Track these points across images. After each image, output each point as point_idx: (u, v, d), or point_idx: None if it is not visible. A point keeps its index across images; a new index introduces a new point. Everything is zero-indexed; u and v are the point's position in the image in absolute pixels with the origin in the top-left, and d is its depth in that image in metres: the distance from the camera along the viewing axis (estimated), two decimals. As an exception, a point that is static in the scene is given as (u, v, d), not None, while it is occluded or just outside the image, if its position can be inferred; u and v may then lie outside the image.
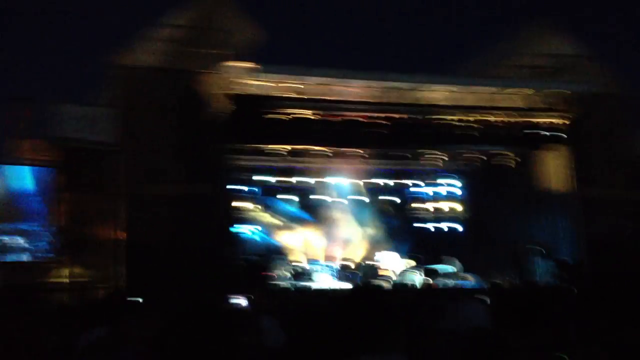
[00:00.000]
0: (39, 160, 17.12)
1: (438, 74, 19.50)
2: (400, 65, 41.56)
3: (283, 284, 19.40)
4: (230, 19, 16.38)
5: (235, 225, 17.84)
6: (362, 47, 48.61)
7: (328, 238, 23.42)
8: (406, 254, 22.61)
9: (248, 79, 16.90)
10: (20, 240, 16.30)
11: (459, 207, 25.14)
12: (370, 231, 23.96)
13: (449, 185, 25.10)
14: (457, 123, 19.00)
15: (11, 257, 16.07)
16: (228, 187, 17.22)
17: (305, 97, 17.71)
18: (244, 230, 21.68)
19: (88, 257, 17.30)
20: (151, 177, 16.28)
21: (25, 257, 16.44)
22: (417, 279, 20.87)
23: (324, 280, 20.61)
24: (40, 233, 16.72)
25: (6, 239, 16.07)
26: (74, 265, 17.04)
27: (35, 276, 17.19)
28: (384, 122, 18.38)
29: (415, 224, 25.04)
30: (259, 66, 16.34)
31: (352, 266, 22.65)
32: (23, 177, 16.47)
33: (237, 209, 18.98)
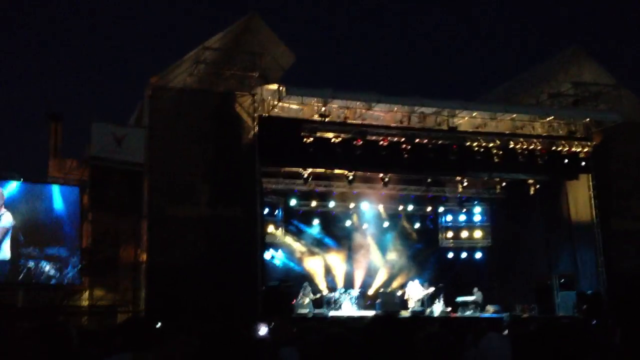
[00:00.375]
0: (68, 178, 17.30)
1: (462, 100, 19.49)
2: (426, 90, 41.83)
3: (305, 311, 19.37)
4: (262, 43, 16.61)
5: (262, 250, 17.74)
6: (388, 72, 49.10)
7: (350, 264, 23.34)
8: (428, 282, 22.48)
9: (278, 101, 17.07)
10: (44, 261, 16.37)
11: (482, 235, 25.05)
12: (393, 258, 23.87)
13: (472, 212, 25.09)
14: (480, 149, 19.00)
15: (35, 278, 16.14)
16: (257, 210, 17.16)
17: (330, 120, 17.87)
18: (270, 255, 21.65)
19: (112, 279, 17.33)
20: (179, 198, 16.32)
21: (48, 278, 16.49)
22: (438, 308, 20.80)
23: (345, 308, 20.54)
24: (66, 253, 16.80)
25: (31, 262, 16.15)
26: (97, 287, 17.07)
27: (59, 298, 17.26)
28: (406, 146, 18.43)
29: (439, 251, 25.02)
30: (287, 88, 16.51)
31: (373, 294, 22.57)
32: (51, 196, 16.62)
33: (264, 233, 18.92)
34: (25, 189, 16.20)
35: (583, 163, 19.94)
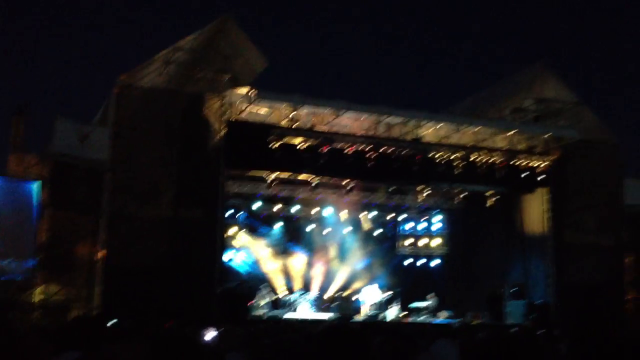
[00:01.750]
0: (27, 174, 16.90)
1: (428, 111, 19.76)
2: (393, 101, 42.22)
3: (260, 312, 19.37)
4: (234, 46, 16.50)
5: (221, 253, 17.67)
6: (357, 80, 49.37)
7: (310, 268, 23.44)
8: (385, 287, 22.74)
9: (248, 105, 16.99)
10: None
11: (439, 243, 25.46)
12: (352, 263, 24.07)
13: (431, 221, 25.44)
14: (443, 160, 19.29)
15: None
16: (218, 213, 17.08)
17: (298, 126, 17.88)
18: (229, 257, 21.56)
19: (67, 275, 16.99)
20: (141, 198, 16.12)
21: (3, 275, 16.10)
22: (392, 313, 21.07)
23: (301, 310, 20.64)
24: (22, 249, 16.42)
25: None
26: (52, 283, 16.72)
27: (10, 292, 16.84)
28: (371, 154, 18.59)
29: (397, 258, 25.29)
30: (257, 92, 16.44)
31: (330, 297, 22.73)
32: (10, 191, 16.21)
33: (225, 235, 18.83)
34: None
35: (540, 177, 20.40)
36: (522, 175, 20.20)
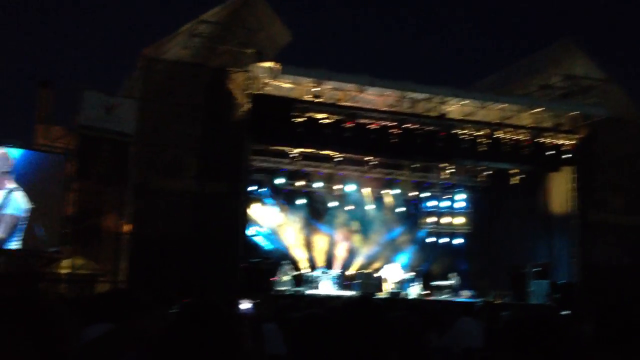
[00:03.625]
0: (54, 146, 17.09)
1: (454, 87, 19.54)
2: (419, 77, 41.87)
3: (283, 288, 19.50)
4: (259, 19, 16.45)
5: (245, 227, 17.78)
6: (382, 55, 49.02)
7: (332, 245, 23.50)
8: (407, 265, 22.74)
9: (272, 80, 16.95)
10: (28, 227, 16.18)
11: (463, 222, 25.30)
12: (374, 240, 24.09)
13: (456, 199, 25.31)
14: (467, 137, 19.13)
15: (17, 244, 15.97)
16: (243, 187, 17.16)
17: (322, 101, 17.84)
18: (254, 232, 21.70)
19: (93, 248, 17.23)
20: (166, 171, 16.25)
21: (31, 245, 16.35)
22: (414, 290, 21.09)
23: (323, 287, 20.71)
24: (51, 220, 16.65)
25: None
26: (78, 256, 16.96)
27: (38, 265, 17.13)
28: (395, 130, 18.48)
29: (420, 236, 25.28)
30: (282, 67, 16.39)
31: (352, 274, 22.79)
32: (38, 163, 16.41)
33: (250, 210, 18.90)
34: (22, 156, 15.99)
35: (567, 155, 20.13)
36: (548, 154, 19.94)
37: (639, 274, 19.96)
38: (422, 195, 25.00)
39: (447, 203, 25.32)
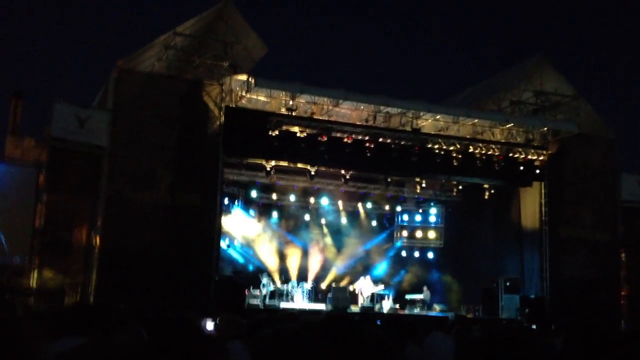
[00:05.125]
0: (25, 158, 16.84)
1: (427, 102, 19.70)
2: (393, 91, 42.07)
3: (256, 302, 19.34)
4: (234, 32, 16.42)
5: (218, 240, 17.65)
6: (357, 70, 49.28)
7: (306, 258, 23.43)
8: (380, 279, 22.78)
9: (247, 92, 16.93)
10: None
11: (435, 236, 25.45)
12: (348, 254, 24.09)
13: (428, 213, 25.46)
14: (441, 152, 19.26)
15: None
16: (216, 200, 17.06)
17: (297, 114, 17.84)
18: (227, 244, 21.56)
19: (63, 261, 16.93)
20: (139, 183, 16.07)
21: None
22: (387, 304, 21.09)
23: (297, 300, 20.59)
24: (19, 232, 16.36)
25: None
26: (47, 268, 16.67)
27: (6, 277, 16.79)
28: (370, 144, 18.55)
29: (393, 250, 25.36)
30: (256, 80, 16.38)
31: (326, 288, 22.77)
32: (8, 175, 16.16)
33: (223, 223, 18.78)
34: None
35: (537, 171, 20.39)
36: (520, 169, 20.18)
37: (609, 288, 20.27)
38: (396, 209, 25.14)
39: (420, 217, 25.47)
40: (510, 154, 20.10)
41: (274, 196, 22.53)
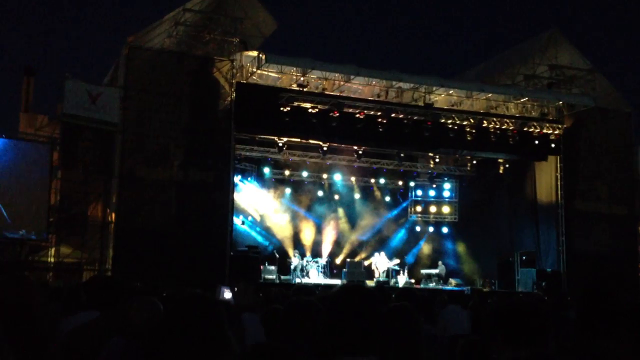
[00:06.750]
0: (38, 135, 16.97)
1: (440, 77, 19.51)
2: (405, 66, 41.74)
3: (271, 277, 19.49)
4: (243, 8, 16.33)
5: (232, 216, 17.74)
6: (367, 44, 48.89)
7: (320, 233, 23.49)
8: (395, 253, 22.80)
9: (257, 69, 16.87)
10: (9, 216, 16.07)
11: (449, 210, 25.37)
12: (362, 229, 24.10)
13: (442, 188, 25.34)
14: (454, 127, 19.12)
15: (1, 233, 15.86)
16: (229, 176, 17.12)
17: (308, 90, 17.77)
18: (241, 221, 21.67)
19: (79, 237, 17.14)
20: (151, 160, 16.16)
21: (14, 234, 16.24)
22: (402, 279, 21.16)
23: (312, 276, 20.72)
24: (31, 210, 16.52)
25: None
26: (64, 245, 16.89)
27: (24, 253, 17.04)
28: (382, 120, 18.45)
29: (407, 224, 25.31)
30: (267, 56, 16.30)
31: (340, 263, 22.84)
32: (22, 152, 16.29)
33: (234, 199, 18.88)
34: (6, 145, 15.85)
35: (553, 145, 20.21)
36: (534, 143, 20.01)
37: (626, 262, 20.16)
38: (409, 184, 25.08)
39: (434, 192, 25.36)
40: (525, 128, 19.92)
41: (287, 172, 22.54)
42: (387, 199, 24.80)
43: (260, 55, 16.45)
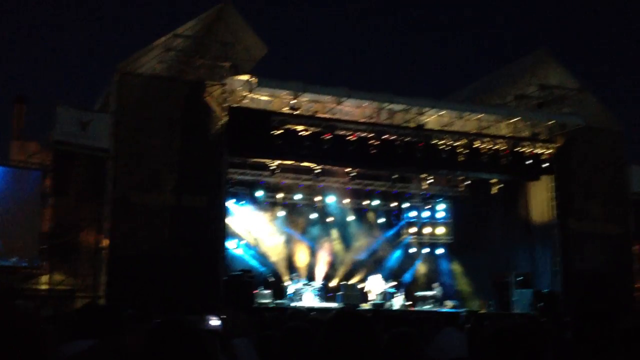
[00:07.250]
0: (30, 162, 16.95)
1: (431, 98, 19.65)
2: (396, 88, 42.04)
3: (266, 301, 19.37)
4: (234, 32, 16.45)
5: (224, 240, 17.70)
6: (358, 67, 49.23)
7: (314, 256, 23.40)
8: (389, 276, 22.71)
9: (249, 92, 16.95)
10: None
11: (444, 232, 25.30)
12: (356, 252, 24.04)
13: (435, 209, 25.32)
14: (446, 148, 19.18)
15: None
16: (222, 200, 17.11)
17: (300, 113, 17.84)
18: (235, 244, 21.61)
19: (72, 264, 17.05)
20: (144, 185, 16.14)
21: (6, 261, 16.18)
22: (398, 301, 21.05)
23: (306, 299, 20.58)
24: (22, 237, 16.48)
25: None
26: (57, 272, 16.79)
27: (17, 281, 16.93)
28: (374, 141, 18.49)
29: (401, 246, 25.23)
30: (258, 80, 16.40)
31: (335, 286, 22.72)
32: (14, 179, 16.28)
33: (228, 223, 18.85)
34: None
35: (545, 164, 20.26)
36: (527, 163, 20.06)
37: (621, 281, 20.11)
38: (403, 205, 25.06)
39: (428, 213, 25.35)
40: (517, 148, 19.99)
41: (280, 195, 22.52)
42: (381, 220, 24.75)
43: (252, 79, 16.54)
